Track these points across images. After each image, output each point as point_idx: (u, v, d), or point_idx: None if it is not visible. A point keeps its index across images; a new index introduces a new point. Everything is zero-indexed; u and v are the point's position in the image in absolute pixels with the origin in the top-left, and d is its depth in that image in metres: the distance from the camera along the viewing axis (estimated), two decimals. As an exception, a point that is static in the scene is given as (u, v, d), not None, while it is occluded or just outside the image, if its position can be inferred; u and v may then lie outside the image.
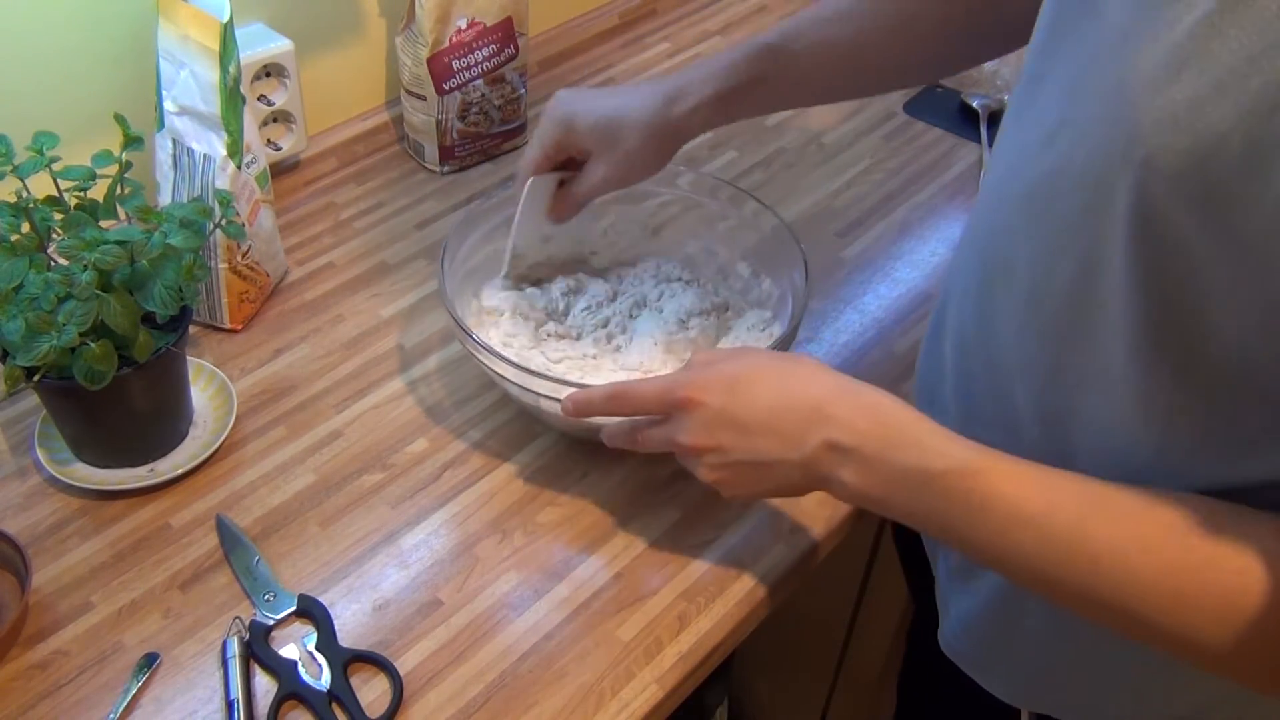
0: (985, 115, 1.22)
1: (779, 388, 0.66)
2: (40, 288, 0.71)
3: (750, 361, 0.69)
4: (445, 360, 0.94)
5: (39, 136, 0.75)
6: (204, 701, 0.70)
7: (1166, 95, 0.47)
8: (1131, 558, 0.54)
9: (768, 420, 0.66)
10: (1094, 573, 0.56)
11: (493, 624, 0.75)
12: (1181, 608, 0.53)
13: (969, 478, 0.59)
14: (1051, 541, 0.57)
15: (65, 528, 0.79)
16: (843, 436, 0.63)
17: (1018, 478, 0.58)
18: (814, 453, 0.64)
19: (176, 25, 0.85)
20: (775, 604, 0.80)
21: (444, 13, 1.04)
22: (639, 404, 0.71)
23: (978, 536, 0.60)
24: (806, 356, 0.70)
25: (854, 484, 0.63)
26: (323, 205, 1.09)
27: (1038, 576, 0.58)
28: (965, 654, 0.77)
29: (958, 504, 0.59)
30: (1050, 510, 0.57)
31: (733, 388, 0.67)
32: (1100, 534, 0.55)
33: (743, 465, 0.67)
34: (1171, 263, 0.51)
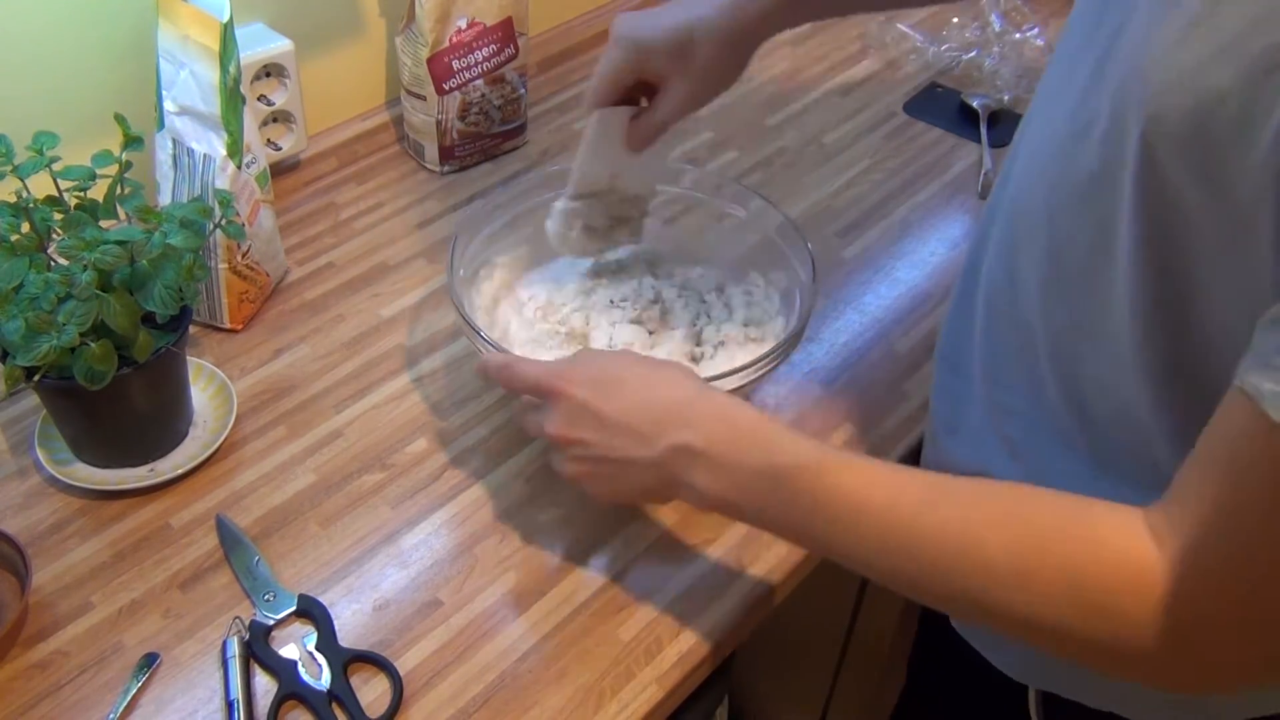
0: (985, 115, 1.22)
1: (641, 388, 0.68)
2: (40, 288, 0.71)
3: (622, 362, 0.71)
4: (445, 360, 0.94)
5: (39, 136, 0.75)
6: (204, 701, 0.70)
7: (1176, 58, 0.49)
8: (976, 539, 0.55)
9: (624, 418, 0.67)
10: (940, 558, 0.56)
11: (493, 624, 0.75)
12: (1032, 584, 0.53)
13: (812, 473, 0.60)
14: (894, 530, 0.58)
15: (65, 528, 0.79)
16: (694, 439, 0.64)
17: (861, 472, 0.60)
18: (665, 454, 0.66)
19: (176, 25, 0.85)
20: (776, 603, 0.80)
21: (444, 13, 1.04)
22: (518, 382, 0.73)
23: (824, 531, 0.61)
24: (678, 364, 0.72)
25: (704, 486, 0.65)
26: (323, 205, 1.09)
27: (887, 569, 0.59)
28: (974, 630, 0.78)
29: (803, 498, 0.61)
30: (892, 501, 0.58)
31: (598, 383, 0.69)
32: (942, 519, 0.56)
33: (600, 461, 0.69)
34: (1171, 223, 0.52)
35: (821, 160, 1.17)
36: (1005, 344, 0.70)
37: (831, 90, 1.27)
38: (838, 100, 1.26)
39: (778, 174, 1.15)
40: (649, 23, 0.79)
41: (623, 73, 0.81)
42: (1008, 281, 0.68)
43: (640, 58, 0.80)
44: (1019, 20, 1.36)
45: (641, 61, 0.80)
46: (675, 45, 0.79)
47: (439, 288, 1.00)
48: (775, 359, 0.81)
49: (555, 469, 0.74)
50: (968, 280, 0.76)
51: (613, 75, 0.81)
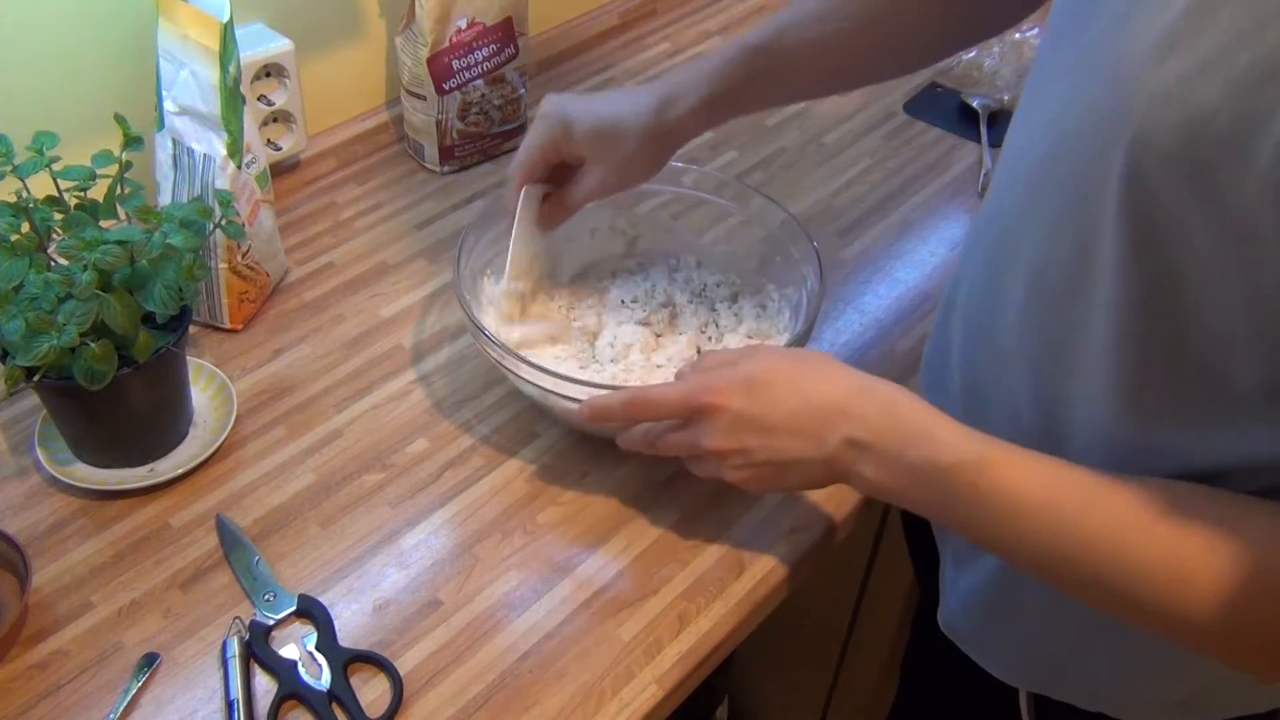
0: (985, 115, 1.22)
1: (797, 388, 0.68)
2: (40, 288, 0.71)
3: (765, 362, 0.70)
4: (445, 360, 0.94)
5: (39, 136, 0.75)
6: (204, 701, 0.70)
7: (1159, 72, 0.48)
8: (1130, 542, 0.56)
9: (789, 421, 0.67)
10: (1094, 558, 0.57)
11: (493, 624, 0.75)
12: (1179, 589, 0.54)
13: (975, 470, 0.61)
14: (1053, 529, 0.58)
15: (65, 528, 0.79)
16: (861, 433, 0.65)
17: (1022, 468, 0.60)
18: (835, 450, 0.66)
19: (176, 25, 0.85)
20: (776, 603, 0.80)
21: (444, 13, 1.04)
22: (658, 410, 0.72)
23: (985, 526, 0.61)
24: (817, 353, 0.71)
25: (873, 478, 0.65)
26: (323, 205, 1.09)
27: (1042, 563, 0.60)
28: (964, 633, 0.78)
29: (966, 496, 0.61)
30: (1052, 500, 0.58)
31: (751, 389, 0.68)
32: (1100, 520, 0.57)
33: (768, 465, 0.69)
34: (1160, 241, 0.52)
35: (821, 160, 1.17)
36: (983, 364, 0.70)
37: (831, 90, 1.27)
38: (838, 100, 1.26)
39: (778, 174, 1.15)
40: (579, 109, 0.81)
41: (547, 149, 0.83)
42: (987, 301, 0.68)
43: (564, 142, 0.82)
44: (1019, 20, 1.36)
45: (565, 145, 0.82)
46: (599, 134, 0.81)
47: (439, 288, 1.00)
48: None
49: (702, 475, 0.73)
50: (949, 298, 0.76)
51: (538, 152, 0.83)
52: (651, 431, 0.74)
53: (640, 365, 0.87)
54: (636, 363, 0.88)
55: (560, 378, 0.78)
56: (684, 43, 1.35)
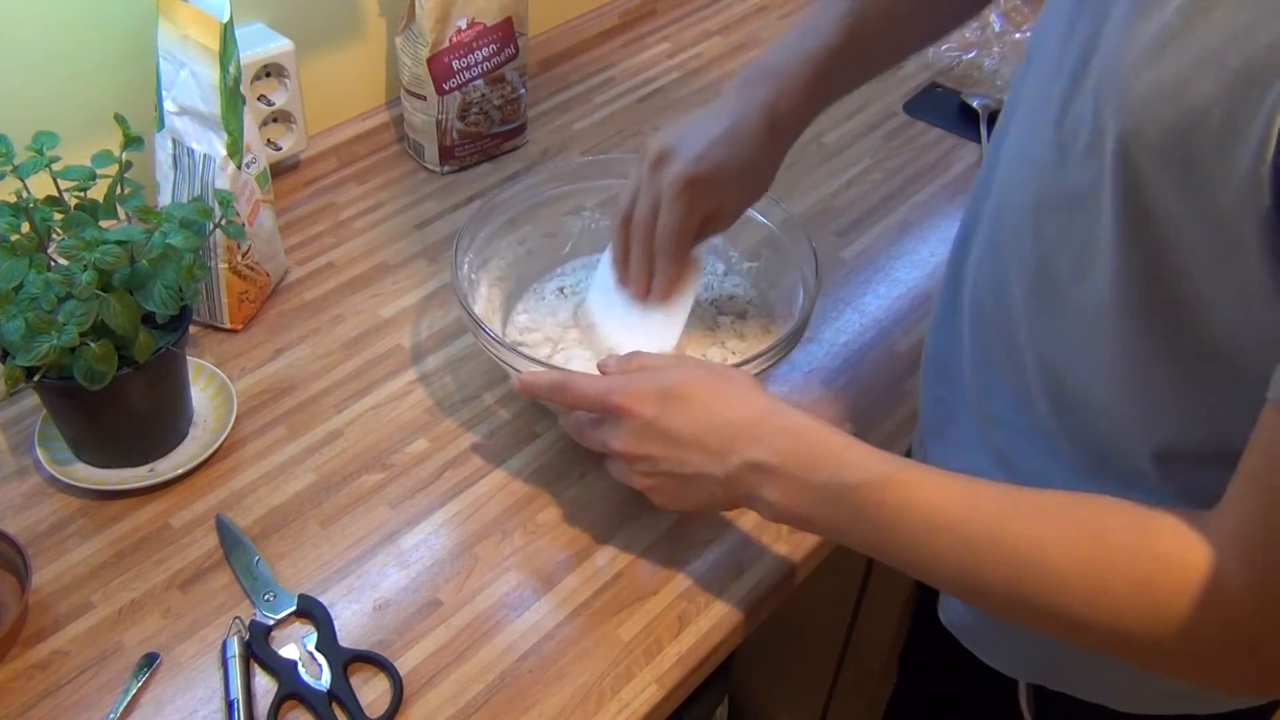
0: (985, 115, 1.22)
1: (710, 404, 0.68)
2: (40, 288, 0.71)
3: (686, 375, 0.70)
4: (445, 360, 0.94)
5: (39, 136, 0.75)
6: (204, 701, 0.70)
7: (1154, 71, 0.49)
8: (1050, 553, 0.55)
9: (695, 435, 0.67)
10: (1014, 572, 0.56)
11: (493, 624, 0.75)
12: (1103, 598, 0.54)
13: (884, 488, 0.60)
14: (970, 544, 0.58)
15: (65, 528, 0.79)
16: (765, 457, 0.65)
17: (933, 485, 0.60)
18: (736, 471, 0.66)
19: (176, 25, 0.85)
20: (776, 604, 0.80)
21: (444, 13, 1.04)
22: (578, 399, 0.73)
23: (898, 546, 0.61)
24: (741, 373, 0.72)
25: (776, 502, 0.65)
26: (323, 205, 1.09)
27: (962, 582, 0.59)
28: (964, 627, 0.79)
29: (874, 514, 0.61)
30: (966, 514, 0.58)
31: (665, 399, 0.69)
32: (1017, 532, 0.56)
33: (671, 476, 0.69)
34: (1154, 234, 0.53)
35: (821, 160, 1.17)
36: (994, 353, 0.70)
37: (831, 90, 1.27)
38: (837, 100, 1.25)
39: (777, 173, 1.15)
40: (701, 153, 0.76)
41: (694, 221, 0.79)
42: (994, 291, 0.68)
43: (707, 201, 0.78)
44: (1019, 20, 1.36)
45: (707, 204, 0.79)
46: (739, 173, 0.78)
47: (439, 287, 1.00)
48: (775, 355, 0.81)
49: (616, 477, 0.74)
50: (952, 287, 0.76)
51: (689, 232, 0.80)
52: (579, 420, 0.75)
53: None
54: None
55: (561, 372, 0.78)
56: (684, 43, 1.35)
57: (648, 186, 0.78)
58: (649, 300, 0.84)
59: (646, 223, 0.80)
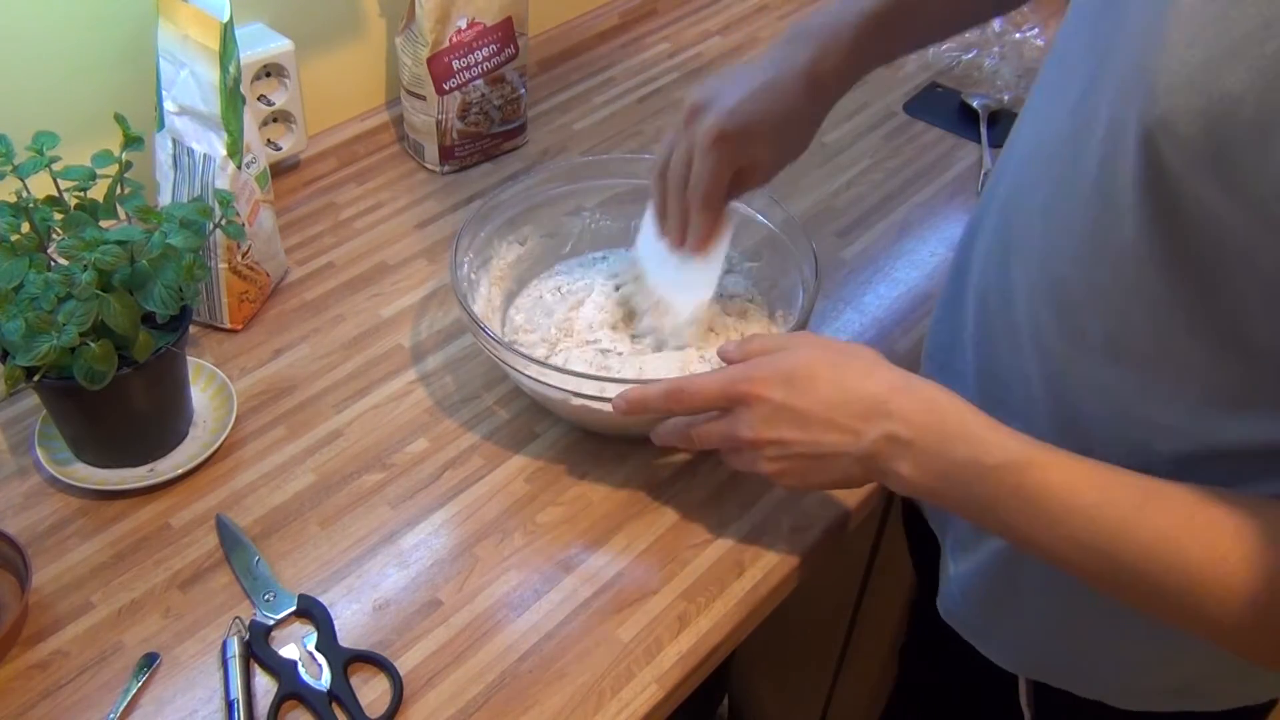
0: (985, 115, 1.22)
1: (838, 381, 0.67)
2: (40, 288, 0.71)
3: (808, 354, 0.69)
4: (445, 360, 0.94)
5: (39, 136, 0.75)
6: (204, 701, 0.70)
7: (1183, 58, 0.48)
8: (1180, 549, 0.55)
9: (828, 414, 0.67)
10: (1147, 564, 0.56)
11: (493, 624, 0.75)
12: (1233, 598, 0.54)
13: (1021, 471, 0.60)
14: (1103, 534, 0.57)
15: (65, 528, 0.79)
16: (901, 430, 0.64)
17: (1069, 470, 0.59)
18: (873, 446, 0.65)
19: (176, 25, 0.85)
20: (776, 603, 0.80)
21: (444, 13, 1.04)
22: (698, 400, 0.72)
23: (1031, 529, 0.60)
24: (861, 347, 0.71)
25: (910, 476, 0.64)
26: (323, 205, 1.09)
27: (1087, 568, 0.59)
28: (963, 619, 0.79)
29: (1010, 496, 0.60)
30: (1101, 502, 0.58)
31: (791, 381, 0.68)
32: (1153, 524, 0.56)
33: (804, 458, 0.68)
34: (1181, 224, 0.52)
35: (821, 160, 1.17)
36: (998, 344, 0.70)
37: (831, 90, 1.27)
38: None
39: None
40: (736, 105, 0.76)
41: (727, 175, 0.79)
42: (1000, 282, 0.68)
43: (739, 154, 0.78)
44: (1019, 20, 1.36)
45: (741, 157, 0.79)
46: (773, 129, 0.78)
47: (439, 287, 1.00)
48: None
49: (738, 468, 0.73)
50: (957, 279, 0.76)
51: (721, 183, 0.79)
52: (692, 423, 0.74)
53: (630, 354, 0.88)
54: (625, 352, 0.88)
55: (564, 372, 0.78)
56: (684, 43, 1.35)
57: (683, 138, 0.79)
58: (686, 250, 0.84)
59: (680, 175, 0.80)
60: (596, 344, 0.88)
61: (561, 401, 0.80)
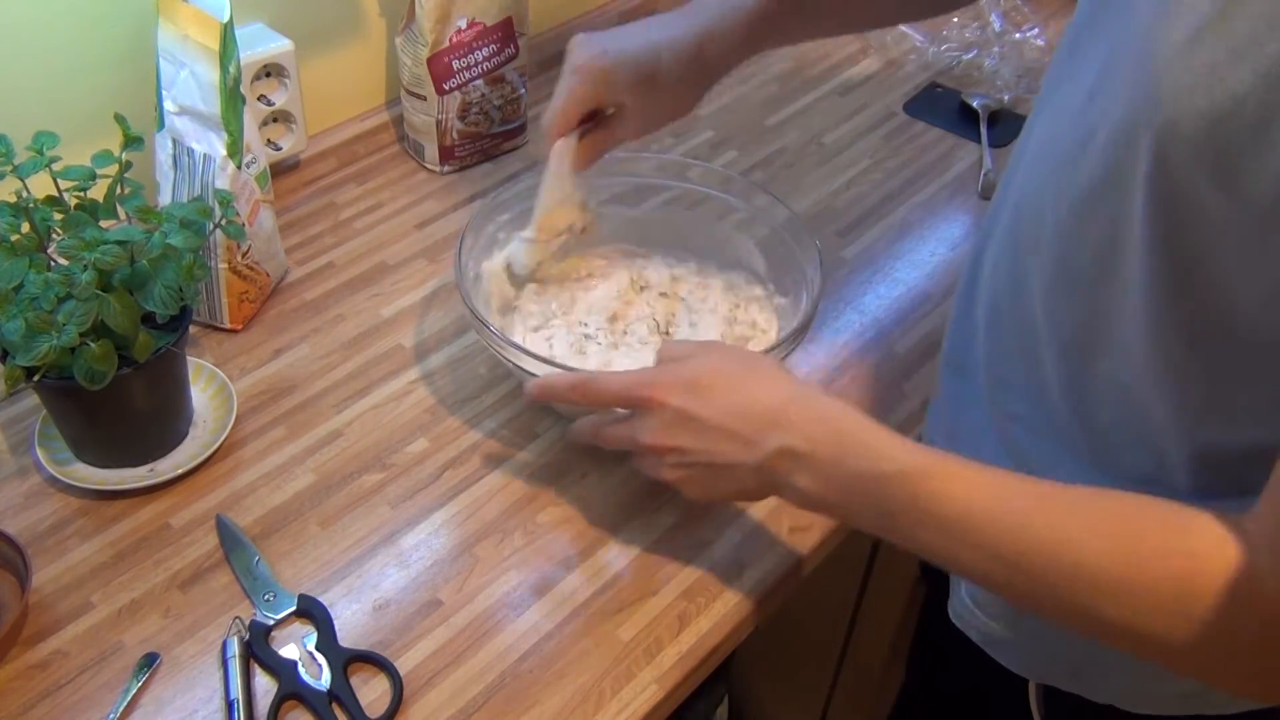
0: (985, 115, 1.22)
1: (738, 391, 0.67)
2: (40, 288, 0.71)
3: (713, 363, 0.70)
4: (445, 360, 0.94)
5: (39, 136, 0.75)
6: (204, 701, 0.70)
7: (1188, 61, 0.48)
8: (1081, 549, 0.55)
9: (725, 423, 0.67)
10: (1044, 567, 0.56)
11: (493, 624, 0.75)
12: (1134, 597, 0.53)
13: (917, 479, 0.60)
14: (1000, 538, 0.57)
15: (65, 528, 0.79)
16: (797, 443, 0.64)
17: (966, 478, 0.59)
18: (769, 458, 0.65)
19: (176, 25, 0.85)
20: (776, 604, 0.80)
21: (444, 13, 1.04)
22: (601, 396, 0.72)
23: (929, 537, 0.60)
24: (767, 359, 0.71)
25: (807, 489, 0.65)
26: (323, 205, 1.09)
27: (990, 575, 0.59)
28: (974, 625, 0.78)
29: (907, 505, 0.60)
30: (998, 508, 0.58)
31: (692, 388, 0.68)
32: (1049, 526, 0.56)
33: (702, 467, 0.69)
34: (1186, 228, 0.52)
35: (821, 160, 1.17)
36: (1009, 347, 0.70)
37: (831, 90, 1.27)
38: (838, 100, 1.26)
39: (778, 174, 1.15)
40: (617, 50, 0.79)
41: (585, 102, 0.81)
42: (1011, 285, 0.68)
43: (608, 87, 0.80)
44: (1019, 20, 1.36)
45: (608, 90, 0.81)
46: (643, 79, 0.80)
47: (439, 287, 1.00)
48: (780, 354, 0.81)
49: (645, 474, 0.73)
50: (970, 283, 0.76)
51: (574, 105, 0.81)
52: (599, 422, 0.75)
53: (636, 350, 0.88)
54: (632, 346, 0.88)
55: (565, 369, 0.78)
56: (684, 43, 1.35)
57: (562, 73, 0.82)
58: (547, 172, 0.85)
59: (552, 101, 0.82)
60: (584, 328, 0.89)
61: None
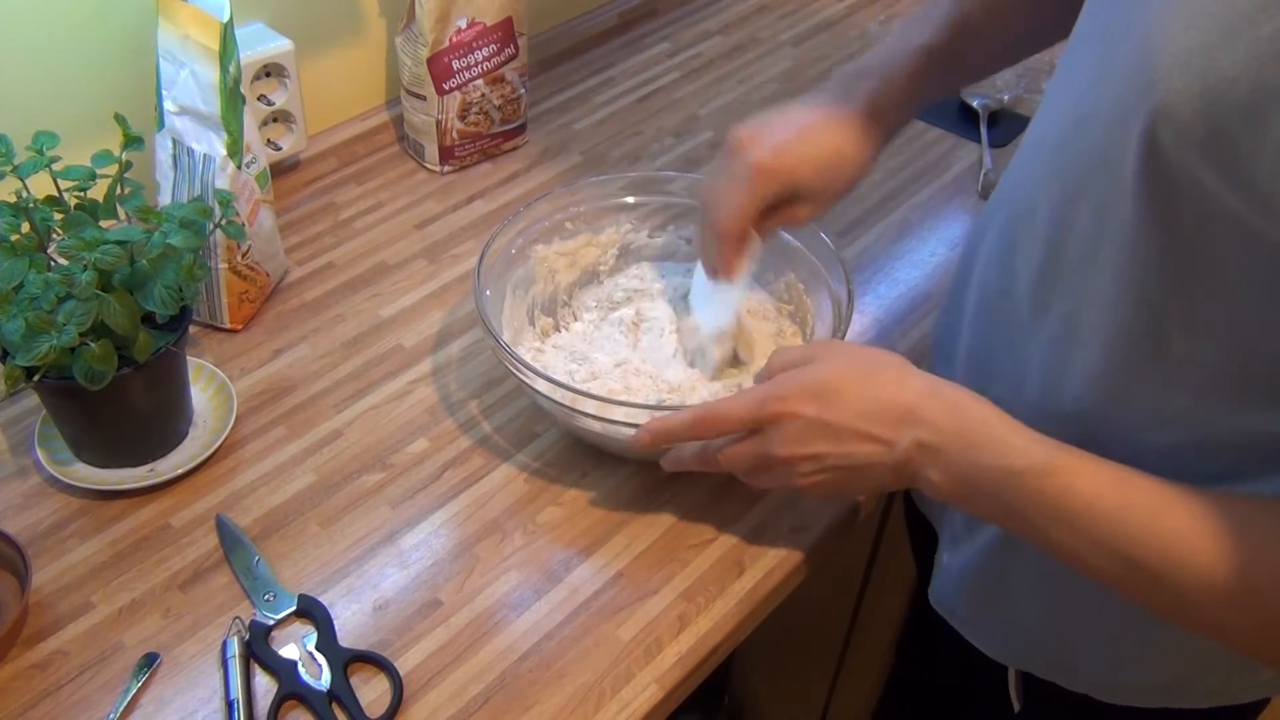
0: (985, 115, 1.22)
1: (867, 392, 0.67)
2: (40, 288, 0.71)
3: (835, 365, 0.69)
4: (445, 360, 0.94)
5: (39, 136, 0.75)
6: (204, 701, 0.70)
7: (1182, 42, 0.49)
8: (1202, 554, 0.55)
9: (860, 425, 0.66)
10: (1165, 568, 0.56)
11: (493, 624, 0.75)
12: (1248, 603, 0.54)
13: (1046, 476, 0.60)
14: (1124, 536, 0.58)
15: (65, 528, 0.79)
16: (930, 436, 0.64)
17: (1092, 475, 0.60)
18: (905, 454, 0.65)
19: (176, 25, 0.85)
20: (776, 603, 0.80)
21: (444, 13, 1.04)
22: (727, 424, 0.71)
23: (1055, 532, 0.61)
24: (888, 354, 0.70)
25: (939, 481, 0.65)
26: (323, 205, 1.09)
27: (1111, 573, 0.59)
28: (953, 609, 0.79)
29: (1035, 501, 0.61)
30: (1123, 506, 0.58)
31: (822, 394, 0.67)
32: (1171, 529, 0.56)
33: (839, 470, 0.68)
34: (1176, 209, 0.53)
35: (821, 160, 1.17)
36: (992, 335, 0.70)
37: (831, 90, 1.27)
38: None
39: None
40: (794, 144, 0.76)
41: (765, 201, 0.77)
42: (1000, 272, 0.69)
43: (786, 188, 0.77)
44: (1019, 20, 1.36)
45: (785, 191, 0.77)
46: (829, 177, 0.77)
47: (439, 287, 1.00)
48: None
49: (766, 486, 0.73)
50: (962, 272, 0.77)
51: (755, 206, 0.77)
52: (709, 446, 0.73)
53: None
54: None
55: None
56: (684, 43, 1.35)
57: (723, 170, 0.78)
58: (716, 278, 0.83)
59: (714, 207, 0.79)
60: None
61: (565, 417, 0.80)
